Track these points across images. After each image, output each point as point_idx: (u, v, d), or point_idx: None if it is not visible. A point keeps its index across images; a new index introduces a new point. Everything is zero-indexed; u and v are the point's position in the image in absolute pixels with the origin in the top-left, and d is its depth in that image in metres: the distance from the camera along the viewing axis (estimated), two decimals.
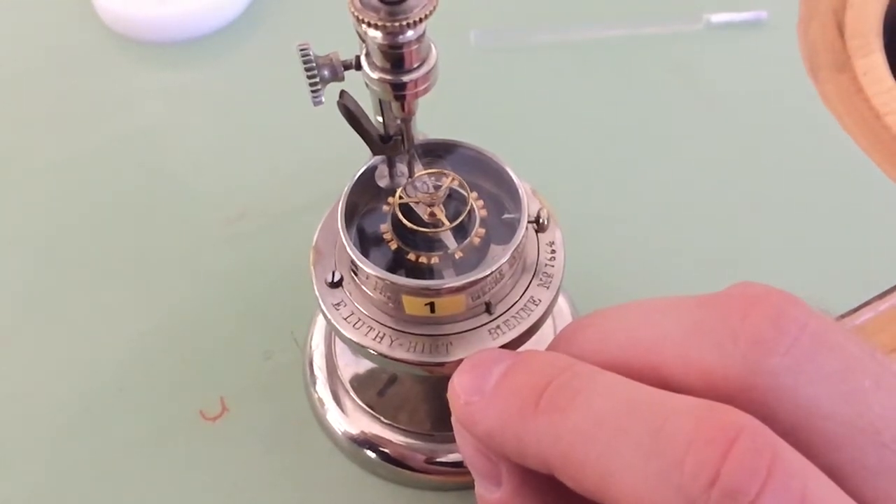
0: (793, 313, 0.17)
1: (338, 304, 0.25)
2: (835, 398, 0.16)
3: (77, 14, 0.47)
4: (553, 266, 0.26)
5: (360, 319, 0.25)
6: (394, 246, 0.25)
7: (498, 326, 0.25)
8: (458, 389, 0.20)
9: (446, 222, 0.25)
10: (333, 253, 0.26)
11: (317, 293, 0.26)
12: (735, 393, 0.16)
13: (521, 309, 0.25)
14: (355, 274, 0.25)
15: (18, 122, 0.43)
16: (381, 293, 0.24)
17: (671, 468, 0.15)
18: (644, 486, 0.15)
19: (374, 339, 0.25)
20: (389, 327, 0.25)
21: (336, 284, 0.26)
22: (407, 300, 0.24)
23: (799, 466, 0.15)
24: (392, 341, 0.25)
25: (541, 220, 0.26)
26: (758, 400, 0.16)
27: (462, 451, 0.20)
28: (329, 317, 0.25)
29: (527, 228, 0.25)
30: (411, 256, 0.25)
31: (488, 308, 0.25)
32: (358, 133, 0.24)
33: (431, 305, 0.24)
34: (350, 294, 0.25)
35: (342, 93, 0.24)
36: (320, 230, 0.27)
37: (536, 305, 0.25)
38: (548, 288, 0.25)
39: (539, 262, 0.26)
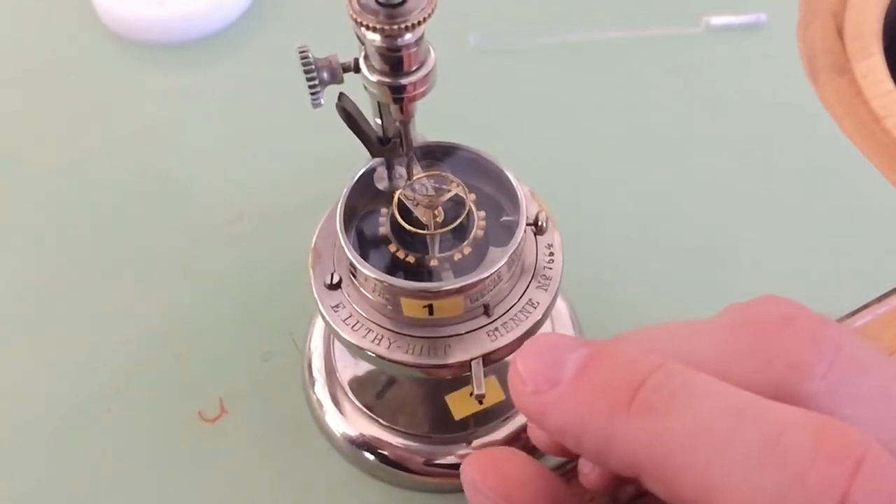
0: (828, 335, 0.16)
1: (336, 306, 0.25)
2: (872, 419, 0.16)
3: (77, 15, 0.47)
4: (552, 269, 0.26)
5: (358, 321, 0.25)
6: (392, 248, 0.25)
7: (496, 328, 0.25)
8: (525, 375, 0.18)
9: (448, 222, 0.25)
10: (332, 255, 0.26)
11: (315, 295, 0.26)
12: None
13: (520, 311, 0.25)
14: (354, 276, 0.25)
15: (19, 123, 0.43)
16: (379, 295, 0.25)
17: (793, 483, 0.14)
18: (759, 499, 0.15)
19: (373, 342, 0.25)
20: (388, 329, 0.25)
21: (335, 286, 0.26)
22: (405, 302, 0.24)
23: None
24: (390, 343, 0.25)
25: (539, 223, 0.26)
26: None
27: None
28: (328, 319, 0.25)
29: (525, 231, 0.25)
30: (410, 258, 0.25)
31: (487, 310, 0.25)
32: (356, 135, 0.24)
33: (430, 307, 0.24)
34: (349, 296, 0.26)
35: (341, 95, 0.24)
36: (319, 232, 0.27)
37: (535, 308, 0.25)
38: (546, 290, 0.25)
39: (538, 264, 0.26)
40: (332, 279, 0.26)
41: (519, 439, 0.30)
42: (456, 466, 0.30)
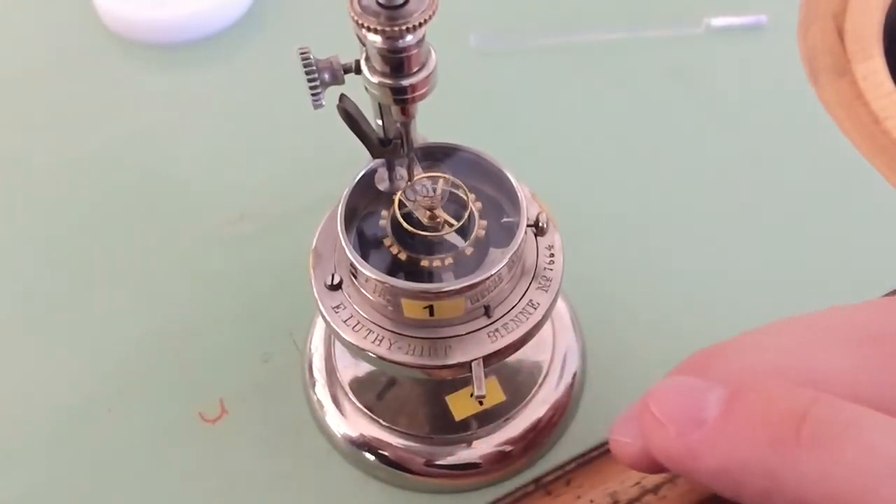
0: None
1: (337, 307, 0.25)
2: None
3: (78, 16, 0.47)
4: (552, 270, 0.26)
5: (359, 322, 0.25)
6: (393, 249, 0.25)
7: (497, 329, 0.25)
8: (665, 419, 0.17)
9: (448, 223, 0.25)
10: (333, 255, 0.26)
11: (316, 296, 0.26)
12: None
13: (520, 312, 0.25)
14: (355, 277, 0.25)
15: (19, 123, 0.43)
16: (380, 296, 0.25)
17: None
18: None
19: (374, 342, 0.25)
20: (388, 330, 0.25)
21: (335, 287, 0.26)
22: (406, 303, 0.24)
23: None
24: (391, 344, 0.25)
25: (540, 224, 0.26)
26: None
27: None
28: (328, 319, 0.25)
29: (526, 232, 0.25)
30: (410, 260, 0.25)
31: (487, 311, 0.25)
32: (357, 136, 0.24)
33: (430, 308, 0.24)
34: (349, 297, 0.26)
35: (342, 96, 0.24)
36: (320, 233, 0.27)
37: (535, 309, 0.25)
38: (546, 291, 0.25)
39: (538, 265, 0.26)
40: (332, 280, 0.26)
41: (525, 438, 0.30)
42: (456, 468, 0.30)
